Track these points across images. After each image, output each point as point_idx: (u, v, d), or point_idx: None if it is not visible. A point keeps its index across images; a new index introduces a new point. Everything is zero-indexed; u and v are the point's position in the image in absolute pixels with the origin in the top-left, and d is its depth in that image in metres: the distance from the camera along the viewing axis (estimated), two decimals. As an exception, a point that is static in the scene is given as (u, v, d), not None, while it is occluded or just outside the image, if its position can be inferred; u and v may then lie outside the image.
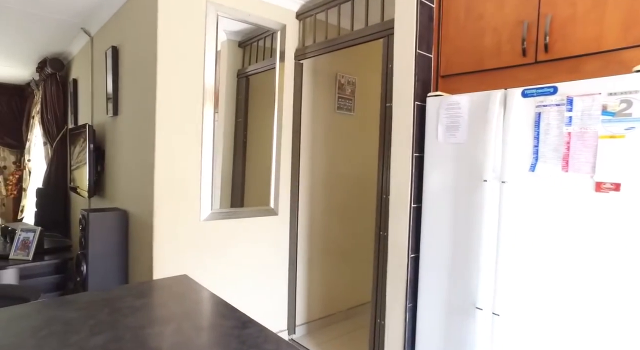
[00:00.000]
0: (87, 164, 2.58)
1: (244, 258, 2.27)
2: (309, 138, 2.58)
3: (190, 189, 2.04)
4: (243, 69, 2.57)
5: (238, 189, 2.40)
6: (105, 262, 2.13)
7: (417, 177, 1.65)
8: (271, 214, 2.38)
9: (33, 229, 2.50)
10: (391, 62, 1.78)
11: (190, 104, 2.04)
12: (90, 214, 2.08)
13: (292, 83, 2.45)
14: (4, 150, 5.83)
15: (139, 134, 2.12)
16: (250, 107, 2.57)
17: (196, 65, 2.05)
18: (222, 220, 2.17)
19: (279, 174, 2.40)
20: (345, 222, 2.83)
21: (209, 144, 2.11)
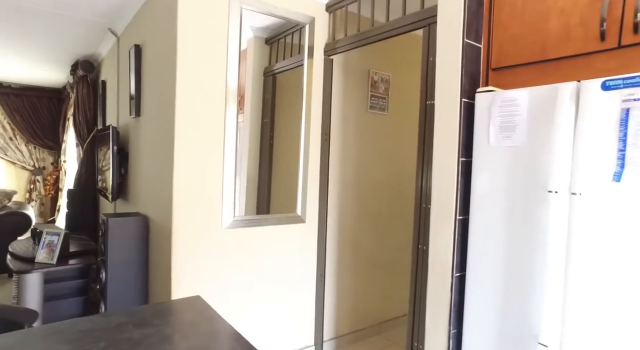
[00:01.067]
0: (110, 166, 2.51)
1: (269, 268, 2.12)
2: (339, 140, 2.40)
3: (212, 195, 1.91)
4: (270, 66, 2.43)
5: (264, 194, 2.25)
6: (124, 269, 2.04)
7: (464, 185, 1.43)
8: (298, 222, 2.21)
9: (58, 232, 2.45)
10: (433, 55, 1.58)
11: (212, 105, 1.91)
12: (109, 219, 1.99)
13: (322, 80, 2.28)
14: (42, 151, 6.02)
15: (159, 135, 2.01)
16: (277, 107, 2.43)
17: (219, 63, 1.91)
18: (246, 228, 2.03)
19: (306, 178, 2.23)
20: (377, 231, 2.63)
21: (232, 147, 1.97)
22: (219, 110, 1.93)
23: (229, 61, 1.95)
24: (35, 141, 5.90)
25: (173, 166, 1.80)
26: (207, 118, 1.89)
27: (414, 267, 1.71)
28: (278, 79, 2.44)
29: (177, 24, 1.78)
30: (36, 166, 5.99)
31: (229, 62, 1.95)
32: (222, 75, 1.93)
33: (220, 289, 1.95)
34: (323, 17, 2.24)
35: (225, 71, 1.94)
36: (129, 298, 2.06)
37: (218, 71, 1.92)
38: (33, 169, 5.97)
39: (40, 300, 2.37)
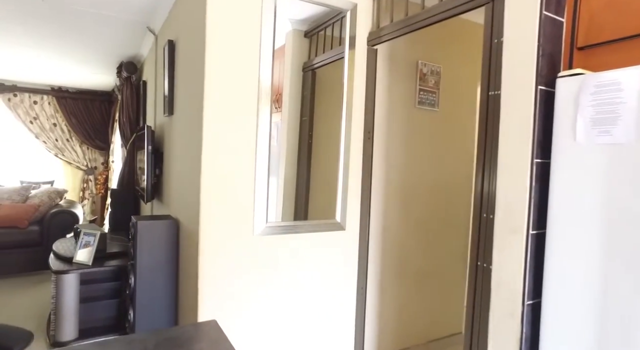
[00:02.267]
0: (145, 166, 2.45)
1: (304, 279, 1.94)
2: (384, 139, 2.17)
3: (243, 199, 1.75)
4: (309, 61, 2.25)
5: (302, 198, 2.07)
6: (153, 275, 1.94)
7: (540, 193, 1.16)
8: (337, 229, 2.01)
9: (94, 232, 2.42)
10: (499, 36, 1.31)
11: (244, 103, 1.75)
12: (139, 222, 1.90)
13: (364, 73, 2.06)
14: (94, 151, 6.28)
15: (188, 134, 1.90)
16: (317, 104, 2.24)
17: (251, 59, 1.76)
18: (279, 235, 1.86)
19: (347, 181, 2.03)
20: (425, 240, 2.37)
21: (265, 148, 1.81)
22: (250, 109, 1.77)
23: (262, 56, 1.79)
24: (88, 142, 6.17)
25: (201, 167, 1.67)
26: (238, 117, 1.74)
27: (472, 289, 1.44)
28: (317, 74, 2.26)
29: (206, 16, 1.64)
30: (89, 166, 6.25)
31: (262, 57, 1.79)
32: (254, 72, 1.78)
33: (250, 301, 1.79)
34: (366, 3, 2.03)
35: (258, 67, 1.78)
36: (157, 306, 1.96)
37: (250, 67, 1.76)
38: (86, 168, 6.24)
39: (76, 301, 2.35)
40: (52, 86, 5.91)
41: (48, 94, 5.93)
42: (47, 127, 5.96)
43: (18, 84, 5.76)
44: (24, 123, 5.83)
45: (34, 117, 5.89)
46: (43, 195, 4.17)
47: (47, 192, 4.23)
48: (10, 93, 5.75)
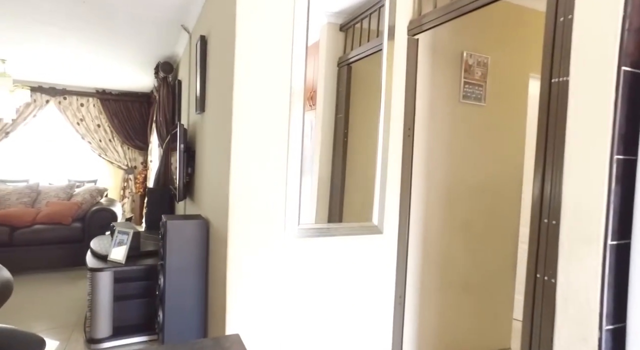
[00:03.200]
0: (178, 165, 2.42)
1: (338, 286, 1.81)
2: (425, 136, 2.00)
3: (274, 200, 1.65)
4: (345, 55, 2.13)
5: (336, 199, 1.95)
6: (183, 276, 1.88)
7: (621, 195, 0.97)
8: (374, 233, 1.87)
9: (128, 231, 2.42)
10: (565, 13, 1.13)
11: (275, 100, 1.65)
12: (168, 221, 1.85)
13: (404, 66, 1.91)
14: (134, 151, 6.47)
15: (218, 132, 1.83)
16: (353, 101, 2.12)
17: (283, 54, 1.65)
18: (312, 239, 1.74)
19: (385, 182, 1.88)
20: (469, 246, 2.17)
21: (297, 147, 1.70)
22: (282, 107, 1.67)
23: (294, 51, 1.68)
24: (129, 142, 6.36)
25: (230, 166, 1.59)
26: (269, 115, 1.64)
27: (529, 303, 1.26)
28: (354, 69, 2.13)
29: (237, 10, 1.56)
30: (129, 165, 6.45)
31: (294, 53, 1.68)
32: (286, 68, 1.67)
33: (280, 307, 1.69)
34: (408, -11, 1.88)
35: (290, 63, 1.68)
36: (187, 308, 1.90)
37: (282, 63, 1.66)
38: (126, 168, 6.44)
39: (110, 299, 2.35)
40: (97, 89, 6.15)
41: (93, 96, 6.18)
42: (92, 128, 6.21)
43: (67, 87, 6.04)
44: (72, 124, 6.11)
45: (81, 118, 6.15)
46: (85, 193, 4.31)
47: (89, 191, 4.37)
48: (61, 96, 6.04)
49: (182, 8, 2.56)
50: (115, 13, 2.73)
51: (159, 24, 2.89)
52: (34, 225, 3.87)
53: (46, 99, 5.95)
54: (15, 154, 5.99)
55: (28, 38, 3.57)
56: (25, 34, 3.45)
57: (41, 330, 2.79)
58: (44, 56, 4.21)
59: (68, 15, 2.86)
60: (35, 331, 2.77)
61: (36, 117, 5.94)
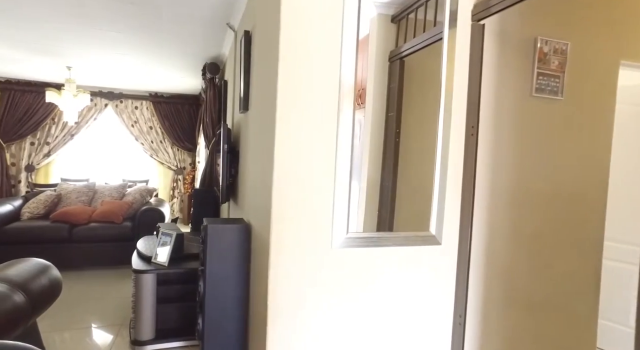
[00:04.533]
0: (221, 166, 2.35)
1: (390, 302, 1.63)
2: (490, 135, 1.77)
3: (320, 206, 1.51)
4: (397, 49, 1.94)
5: (387, 206, 1.77)
6: (223, 283, 1.79)
7: None
8: (431, 243, 1.67)
9: (171, 233, 2.39)
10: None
11: (322, 99, 1.51)
12: (209, 225, 1.77)
13: (467, 56, 1.69)
14: (183, 152, 6.63)
15: (261, 132, 1.71)
16: (406, 97, 1.92)
17: (331, 49, 1.51)
18: (362, 249, 1.58)
19: (444, 187, 1.67)
20: (541, 261, 1.90)
21: (346, 150, 1.54)
22: (330, 106, 1.52)
23: (344, 46, 1.52)
24: (178, 144, 6.54)
25: (273, 169, 1.46)
26: (316, 114, 1.50)
27: (635, 342, 1.01)
28: (407, 63, 1.94)
29: (281, 3, 1.43)
30: (178, 166, 6.63)
31: (344, 48, 1.52)
32: (334, 64, 1.52)
33: (324, 322, 1.54)
34: (472, -32, 1.66)
35: (339, 59, 1.52)
36: (227, 317, 1.81)
37: (330, 59, 1.51)
38: (176, 169, 6.62)
39: (153, 302, 2.33)
40: (150, 92, 6.38)
41: (146, 99, 6.41)
42: (144, 130, 6.45)
43: (124, 91, 6.33)
44: (127, 126, 6.38)
45: (135, 121, 6.41)
46: (136, 193, 4.43)
47: (139, 190, 4.49)
48: (118, 100, 6.33)
49: (227, 5, 2.50)
50: (161, 14, 2.73)
51: (204, 23, 2.87)
52: (90, 223, 4.03)
53: (105, 103, 6.26)
54: (78, 155, 6.37)
55: (90, 46, 3.73)
56: (88, 42, 3.61)
57: (90, 327, 2.85)
58: (103, 62, 4.41)
59: (121, 21, 2.92)
60: (85, 327, 2.83)
61: (96, 120, 6.27)
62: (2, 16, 3.06)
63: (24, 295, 1.44)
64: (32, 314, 1.47)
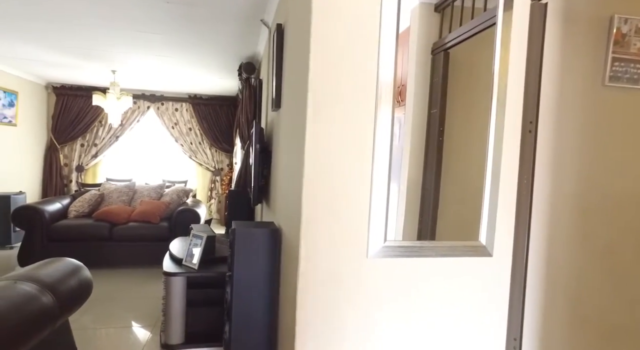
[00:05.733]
0: (253, 166, 2.26)
1: (432, 319, 1.45)
2: (551, 132, 1.54)
3: (355, 211, 1.36)
4: (440, 40, 1.76)
5: (428, 212, 1.59)
6: (251, 291, 1.68)
7: None
8: (481, 255, 1.47)
9: (202, 235, 2.33)
10: None
11: (358, 97, 1.36)
12: (237, 229, 1.67)
13: (525, 42, 1.48)
14: (221, 153, 6.70)
15: (291, 132, 1.59)
16: (451, 92, 1.73)
17: (368, 43, 1.35)
18: (400, 259, 1.41)
19: (496, 191, 1.47)
20: (614, 278, 1.63)
21: (385, 151, 1.38)
22: (366, 104, 1.36)
23: (382, 39, 1.36)
24: (216, 145, 6.61)
25: (303, 169, 1.33)
26: (350, 114, 1.35)
27: None
28: (452, 55, 1.75)
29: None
30: (216, 167, 6.70)
31: (382, 40, 1.36)
32: (371, 59, 1.36)
33: (357, 341, 1.38)
34: (533, -61, 1.45)
35: (377, 54, 1.36)
36: (254, 326, 1.70)
37: (366, 54, 1.36)
38: (214, 170, 6.70)
39: (183, 305, 2.27)
40: (189, 94, 6.50)
41: (186, 101, 6.54)
42: (184, 131, 6.58)
43: (165, 94, 6.49)
44: (167, 128, 6.54)
45: (175, 122, 6.56)
46: (173, 193, 4.48)
47: (176, 191, 4.54)
48: (159, 102, 6.51)
49: (261, 0, 2.41)
50: (196, 12, 2.70)
51: (239, 20, 2.81)
52: (129, 222, 4.11)
53: (147, 105, 6.45)
54: (122, 156, 6.61)
55: (132, 49, 3.82)
56: (130, 45, 3.69)
57: (124, 327, 2.86)
58: (145, 65, 4.51)
59: (158, 22, 2.94)
60: (119, 327, 2.85)
61: (139, 122, 6.47)
62: (52, 25, 3.19)
63: (52, 297, 1.40)
64: (60, 315, 1.43)
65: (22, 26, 3.28)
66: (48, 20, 3.08)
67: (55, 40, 3.67)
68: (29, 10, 2.87)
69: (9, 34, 3.57)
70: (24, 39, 3.69)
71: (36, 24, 3.21)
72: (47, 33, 3.46)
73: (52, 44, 3.84)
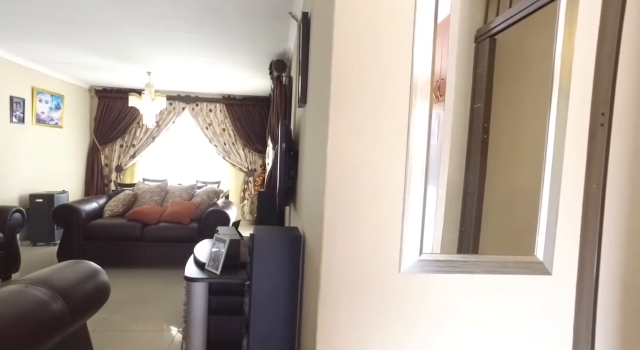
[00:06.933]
0: (279, 167, 2.12)
1: (478, 348, 1.23)
2: (629, 128, 1.27)
3: (385, 219, 1.17)
4: (485, 26, 1.54)
5: (469, 222, 1.37)
6: (271, 303, 1.53)
7: None
8: (537, 272, 1.23)
9: (225, 238, 2.21)
10: None
11: (389, 94, 1.17)
12: (256, 235, 1.52)
13: (597, 17, 1.23)
14: (254, 154, 6.67)
15: (315, 129, 1.43)
16: (498, 84, 1.50)
17: (400, 32, 1.16)
18: (440, 275, 1.21)
19: (557, 197, 1.23)
20: None
21: (421, 153, 1.19)
22: (398, 102, 1.17)
23: (417, 28, 1.17)
24: (249, 145, 6.58)
25: (325, 171, 1.16)
26: (380, 113, 1.17)
27: None
28: (500, 42, 1.52)
29: None
30: (249, 168, 6.68)
31: (417, 30, 1.17)
32: (403, 52, 1.17)
33: (391, 371, 1.19)
34: None
35: (411, 45, 1.17)
36: (274, 341, 1.55)
37: (398, 46, 1.16)
38: (247, 170, 6.68)
39: (204, 312, 2.17)
40: (223, 94, 6.52)
41: (220, 102, 6.57)
42: (218, 132, 6.60)
43: (199, 95, 6.56)
44: (202, 129, 6.59)
45: (209, 123, 6.60)
46: (204, 194, 4.45)
47: (207, 192, 4.51)
48: (194, 103, 6.58)
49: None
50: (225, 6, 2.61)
51: (267, 14, 2.70)
52: (160, 223, 4.12)
53: (182, 106, 6.54)
54: (158, 156, 6.74)
55: (167, 49, 3.83)
56: (164, 45, 3.70)
57: (149, 330, 2.82)
58: (179, 65, 4.54)
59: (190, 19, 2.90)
60: (144, 331, 2.81)
61: (174, 123, 6.57)
62: (90, 27, 3.24)
63: (63, 303, 1.33)
64: (71, 322, 1.35)
65: (63, 29, 3.36)
66: (86, 22, 3.13)
67: (94, 42, 3.74)
68: (68, 14, 2.92)
69: (51, 38, 3.68)
70: (66, 43, 3.80)
71: (75, 27, 3.28)
72: (85, 36, 3.53)
73: (91, 46, 3.92)
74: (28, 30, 3.43)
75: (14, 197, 4.77)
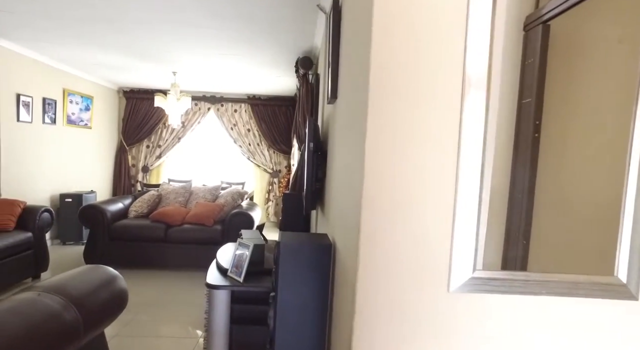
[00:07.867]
0: (306, 168, 1.97)
1: (541, 384, 1.04)
2: None
3: (431, 231, 1.01)
4: (537, 11, 1.34)
5: (516, 234, 1.18)
6: (298, 317, 1.39)
7: None
8: (619, 296, 1.03)
9: (248, 244, 2.09)
10: None
11: (438, 87, 1.01)
12: (282, 243, 1.38)
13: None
14: (279, 155, 6.57)
15: (349, 127, 1.27)
16: (551, 76, 1.30)
17: (450, 22, 0.99)
18: (498, 296, 1.03)
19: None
20: None
21: (476, 158, 1.01)
22: (449, 96, 1.00)
23: (470, 18, 0.99)
24: (274, 146, 6.49)
25: (364, 172, 1.01)
26: (429, 102, 1.00)
27: None
28: (554, 28, 1.32)
29: None
30: (274, 169, 6.59)
31: (470, 19, 0.99)
32: (454, 44, 1.00)
33: (439, 407, 1.02)
34: None
35: (464, 36, 1.00)
36: (302, 362, 1.40)
37: (447, 36, 0.99)
38: (272, 171, 6.59)
39: (226, 321, 2.05)
40: (248, 94, 6.46)
41: (245, 102, 6.51)
42: (242, 133, 6.55)
43: (224, 95, 6.52)
44: (227, 129, 6.55)
45: (234, 124, 6.55)
46: (228, 195, 4.37)
47: (231, 193, 4.43)
48: (219, 103, 6.55)
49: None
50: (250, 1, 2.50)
51: (294, 8, 2.56)
52: (183, 224, 4.06)
53: (208, 107, 6.52)
54: (184, 157, 6.75)
55: (192, 47, 3.78)
56: (189, 43, 3.64)
57: (169, 337, 2.73)
58: (205, 65, 4.49)
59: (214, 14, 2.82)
60: (164, 337, 2.73)
61: (200, 123, 6.56)
62: (112, 25, 3.21)
63: (76, 312, 1.23)
64: (85, 333, 1.26)
65: (91, 29, 3.35)
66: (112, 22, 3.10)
67: (120, 41, 3.73)
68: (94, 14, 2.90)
69: (80, 40, 3.69)
70: (94, 43, 3.81)
71: (103, 27, 3.26)
72: (113, 35, 3.52)
73: (118, 45, 3.91)
74: (59, 33, 3.45)
75: (45, 197, 4.86)
